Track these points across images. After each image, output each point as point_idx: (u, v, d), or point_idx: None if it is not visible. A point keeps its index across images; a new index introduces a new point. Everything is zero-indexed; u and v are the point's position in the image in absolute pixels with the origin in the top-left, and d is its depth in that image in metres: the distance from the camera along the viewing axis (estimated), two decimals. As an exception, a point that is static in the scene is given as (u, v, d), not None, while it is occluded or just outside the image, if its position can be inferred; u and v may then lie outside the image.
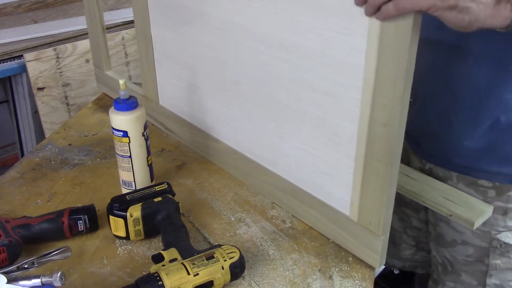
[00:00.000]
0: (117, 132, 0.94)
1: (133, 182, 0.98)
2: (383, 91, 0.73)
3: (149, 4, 1.12)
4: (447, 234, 1.08)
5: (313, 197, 0.92)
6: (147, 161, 0.99)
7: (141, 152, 0.97)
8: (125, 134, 0.94)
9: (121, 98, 0.94)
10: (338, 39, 0.76)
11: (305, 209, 0.94)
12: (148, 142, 0.98)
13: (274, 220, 0.97)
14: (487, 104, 0.91)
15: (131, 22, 1.90)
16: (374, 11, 0.68)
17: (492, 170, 0.96)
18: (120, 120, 0.94)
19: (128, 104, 0.93)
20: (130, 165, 0.97)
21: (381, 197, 0.79)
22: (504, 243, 1.00)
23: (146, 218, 0.88)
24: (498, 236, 1.00)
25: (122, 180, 0.99)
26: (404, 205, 1.20)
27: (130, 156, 0.96)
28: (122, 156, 0.96)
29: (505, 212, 0.98)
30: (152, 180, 1.01)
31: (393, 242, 1.29)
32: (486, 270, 1.04)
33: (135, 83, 1.59)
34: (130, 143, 0.95)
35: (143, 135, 0.96)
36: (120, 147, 0.95)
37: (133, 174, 0.97)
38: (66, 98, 1.80)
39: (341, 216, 0.88)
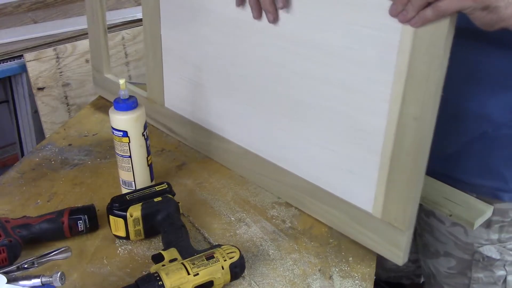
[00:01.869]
0: (117, 132, 0.94)
1: (133, 182, 0.98)
2: (416, 85, 0.72)
3: (161, 4, 1.10)
4: (431, 245, 1.07)
5: (333, 195, 0.91)
6: (147, 161, 0.99)
7: (141, 152, 0.97)
8: (125, 134, 0.94)
9: (121, 98, 0.94)
10: (368, 34, 0.76)
11: (324, 208, 0.93)
12: (148, 142, 0.98)
13: (274, 220, 0.97)
14: (475, 118, 0.90)
15: (131, 22, 1.91)
16: (411, 18, 0.68)
17: (475, 182, 0.95)
18: (120, 120, 0.94)
19: (128, 104, 0.93)
20: (130, 165, 0.97)
21: (409, 191, 0.79)
22: (487, 256, 0.99)
23: (146, 218, 0.88)
24: (481, 249, 0.99)
25: (122, 180, 0.99)
26: None
27: (130, 156, 0.96)
28: (122, 156, 0.96)
29: (488, 225, 0.97)
30: (152, 180, 1.01)
31: None
32: (468, 284, 1.03)
33: (134, 83, 1.59)
34: (130, 143, 0.95)
35: (143, 135, 0.96)
36: (120, 147, 0.95)
37: (133, 174, 0.97)
38: (66, 98, 1.80)
39: (363, 213, 0.87)
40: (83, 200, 1.01)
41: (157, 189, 0.92)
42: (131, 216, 0.88)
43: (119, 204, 0.88)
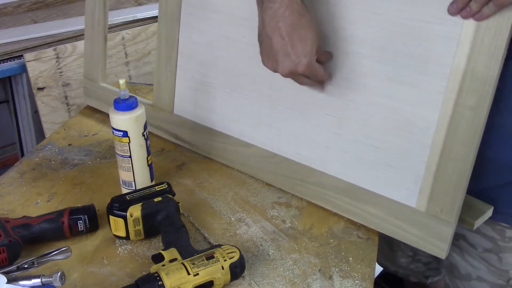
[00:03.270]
0: (117, 132, 0.94)
1: (133, 182, 0.98)
2: (474, 76, 0.74)
3: (183, 7, 1.07)
4: (461, 267, 1.05)
5: (371, 192, 0.90)
6: (147, 161, 0.99)
7: (141, 152, 0.97)
8: (125, 134, 0.94)
9: (121, 98, 0.94)
10: (425, 28, 0.77)
11: (359, 206, 0.93)
12: (148, 142, 0.98)
13: (274, 220, 0.97)
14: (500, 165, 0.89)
15: (131, 22, 1.90)
16: (475, 13, 0.71)
17: (503, 211, 0.92)
18: (120, 120, 0.94)
19: (128, 104, 0.93)
20: (130, 165, 0.97)
21: (459, 181, 0.79)
22: None
23: (146, 218, 0.88)
24: None
25: (122, 180, 0.99)
26: None
27: (130, 156, 0.96)
28: (122, 156, 0.96)
29: None
30: (152, 180, 1.01)
31: (390, 246, 1.27)
32: None
33: (135, 83, 1.59)
34: (130, 143, 0.95)
35: (143, 135, 0.96)
36: (120, 147, 0.95)
37: (133, 174, 0.97)
38: (66, 98, 1.80)
39: (405, 208, 0.87)
40: (83, 200, 1.01)
41: (157, 189, 0.92)
42: (131, 216, 0.88)
43: (119, 204, 0.88)
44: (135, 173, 0.97)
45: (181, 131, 1.18)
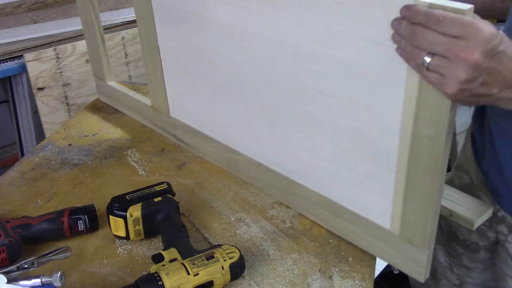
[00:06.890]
0: None
1: None
2: (428, 105, 0.70)
3: (155, 15, 1.08)
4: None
5: (348, 210, 0.89)
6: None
7: None
8: None
9: None
10: (377, 50, 0.73)
11: (339, 222, 0.92)
12: None
13: (274, 220, 0.97)
14: None
15: (131, 22, 1.90)
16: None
17: None
18: None
19: None
20: None
21: (427, 210, 0.77)
22: None
23: (146, 218, 0.88)
24: None
25: None
26: (456, 242, 1.10)
27: None
28: None
29: None
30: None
31: (434, 275, 1.20)
32: None
33: (133, 83, 1.59)
34: None
35: None
36: None
37: None
38: (66, 98, 1.80)
39: (380, 229, 0.85)
40: (83, 200, 1.01)
41: (157, 189, 0.92)
42: (131, 216, 0.88)
43: (119, 204, 0.88)
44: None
45: (180, 132, 1.19)
